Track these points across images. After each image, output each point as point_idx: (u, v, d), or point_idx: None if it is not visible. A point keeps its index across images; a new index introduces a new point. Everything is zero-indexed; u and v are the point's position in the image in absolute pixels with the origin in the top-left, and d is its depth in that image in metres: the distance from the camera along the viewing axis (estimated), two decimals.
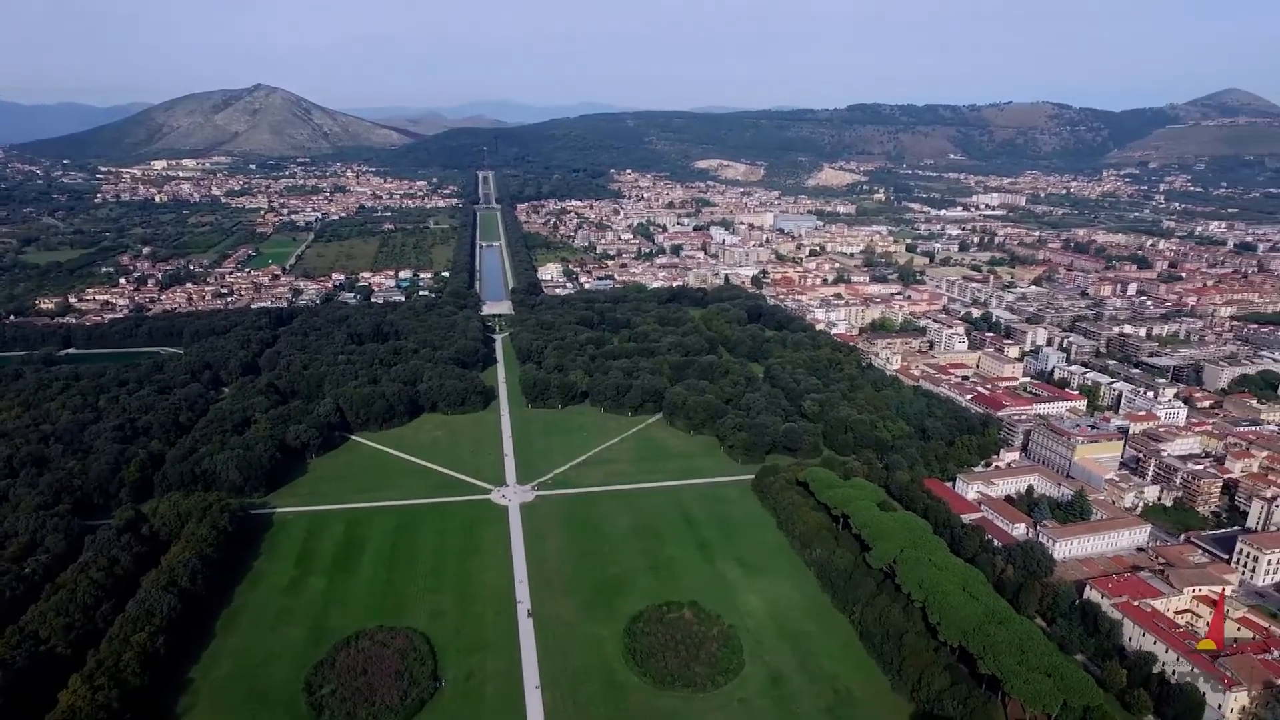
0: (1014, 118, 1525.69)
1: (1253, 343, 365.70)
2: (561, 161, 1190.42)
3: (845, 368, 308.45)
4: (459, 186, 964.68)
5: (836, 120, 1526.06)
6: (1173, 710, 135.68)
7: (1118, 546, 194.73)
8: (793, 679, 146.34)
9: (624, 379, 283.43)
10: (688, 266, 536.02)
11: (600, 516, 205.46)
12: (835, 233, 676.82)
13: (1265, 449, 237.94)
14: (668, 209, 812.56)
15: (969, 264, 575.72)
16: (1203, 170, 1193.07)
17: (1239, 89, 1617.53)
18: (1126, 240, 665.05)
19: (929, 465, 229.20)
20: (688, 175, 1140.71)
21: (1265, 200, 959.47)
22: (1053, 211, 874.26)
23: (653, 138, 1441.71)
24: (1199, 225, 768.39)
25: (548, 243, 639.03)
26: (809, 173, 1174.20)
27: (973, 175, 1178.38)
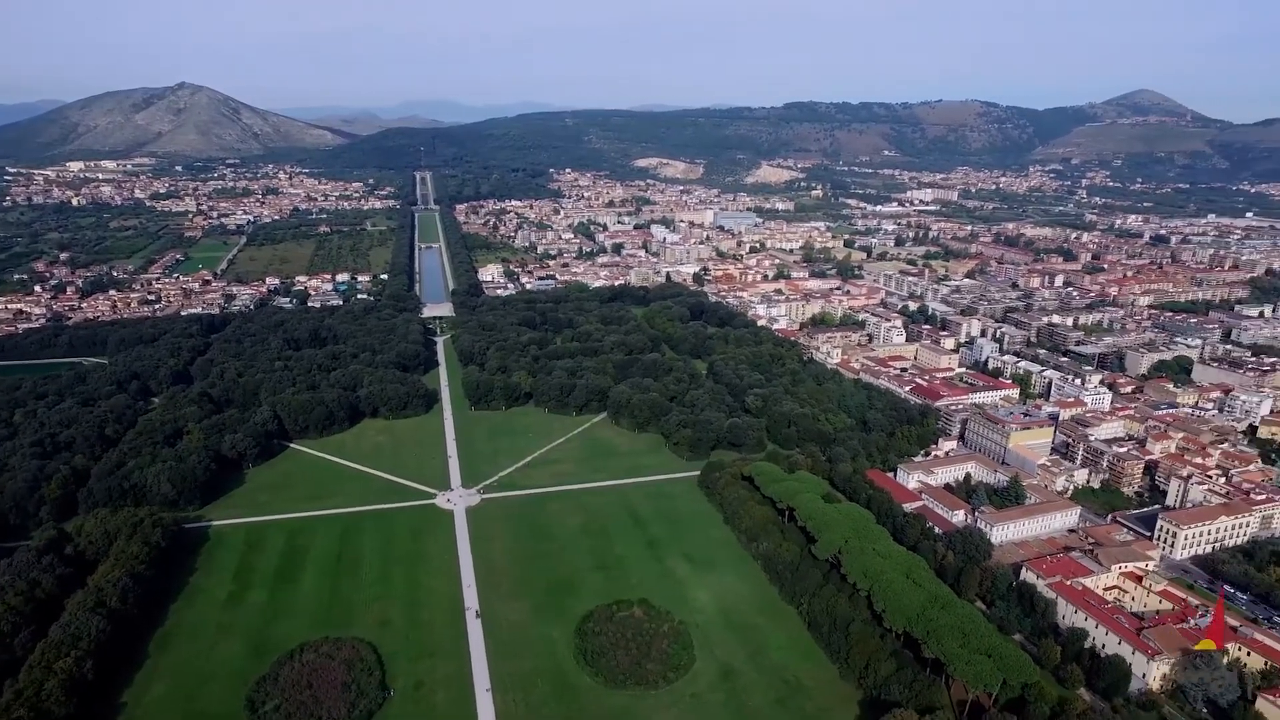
0: (945, 115, 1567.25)
1: (1168, 330, 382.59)
2: (500, 161, 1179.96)
3: (787, 363, 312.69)
4: (396, 187, 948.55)
5: (774, 118, 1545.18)
6: (1103, 682, 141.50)
7: (1051, 529, 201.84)
8: (743, 672, 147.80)
9: (568, 379, 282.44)
10: (629, 265, 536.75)
11: (548, 517, 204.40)
12: (774, 229, 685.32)
13: (1181, 430, 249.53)
14: (608, 208, 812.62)
15: (905, 258, 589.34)
16: (1120, 166, 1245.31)
17: (1149, 90, 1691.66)
18: (1053, 234, 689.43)
19: (871, 456, 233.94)
20: (628, 174, 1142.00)
21: (1176, 195, 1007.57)
22: (983, 206, 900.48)
23: (592, 136, 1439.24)
24: (1118, 219, 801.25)
25: (488, 243, 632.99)
26: (747, 170, 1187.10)
27: (907, 171, 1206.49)
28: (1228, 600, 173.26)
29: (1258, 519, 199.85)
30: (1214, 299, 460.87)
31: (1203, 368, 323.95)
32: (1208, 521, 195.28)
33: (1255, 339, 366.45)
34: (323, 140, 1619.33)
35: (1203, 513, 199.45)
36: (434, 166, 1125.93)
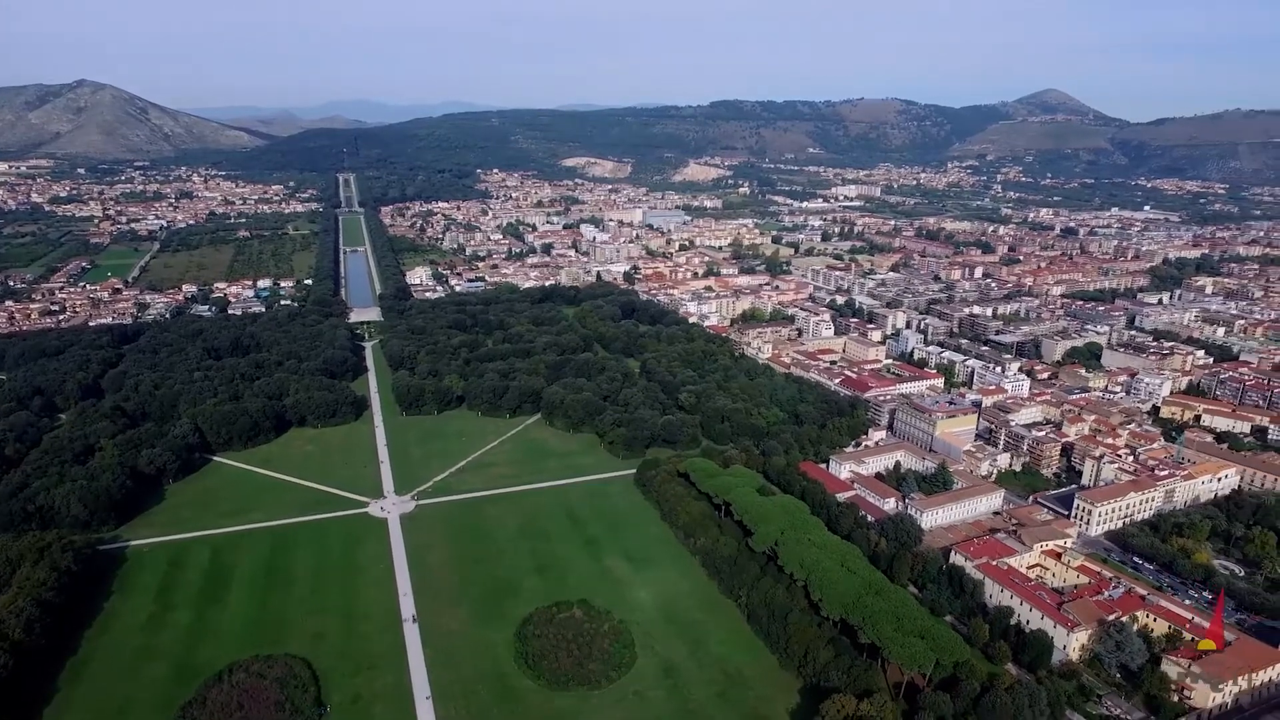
0: (866, 113, 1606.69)
1: (1079, 318, 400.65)
2: (426, 162, 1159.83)
3: (719, 359, 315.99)
4: (319, 190, 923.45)
5: (700, 116, 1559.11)
6: (1028, 655, 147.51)
7: (977, 512, 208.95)
8: (684, 667, 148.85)
9: (500, 381, 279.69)
10: (559, 265, 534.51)
11: (484, 521, 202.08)
12: (703, 227, 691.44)
13: (1093, 413, 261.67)
14: (537, 208, 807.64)
15: (831, 253, 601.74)
16: (1031, 162, 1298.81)
17: (1056, 89, 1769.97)
18: (971, 227, 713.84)
19: (803, 449, 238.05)
20: (556, 173, 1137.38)
21: (1082, 190, 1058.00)
22: (905, 201, 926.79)
23: (519, 136, 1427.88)
24: (1031, 212, 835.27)
25: (415, 246, 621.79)
26: (675, 168, 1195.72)
27: (831, 168, 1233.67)
28: (1135, 572, 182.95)
29: (1161, 494, 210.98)
30: (1119, 287, 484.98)
31: (1110, 353, 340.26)
32: (1118, 498, 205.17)
33: (1156, 325, 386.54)
34: (239, 141, 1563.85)
35: (1114, 490, 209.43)
36: (358, 168, 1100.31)
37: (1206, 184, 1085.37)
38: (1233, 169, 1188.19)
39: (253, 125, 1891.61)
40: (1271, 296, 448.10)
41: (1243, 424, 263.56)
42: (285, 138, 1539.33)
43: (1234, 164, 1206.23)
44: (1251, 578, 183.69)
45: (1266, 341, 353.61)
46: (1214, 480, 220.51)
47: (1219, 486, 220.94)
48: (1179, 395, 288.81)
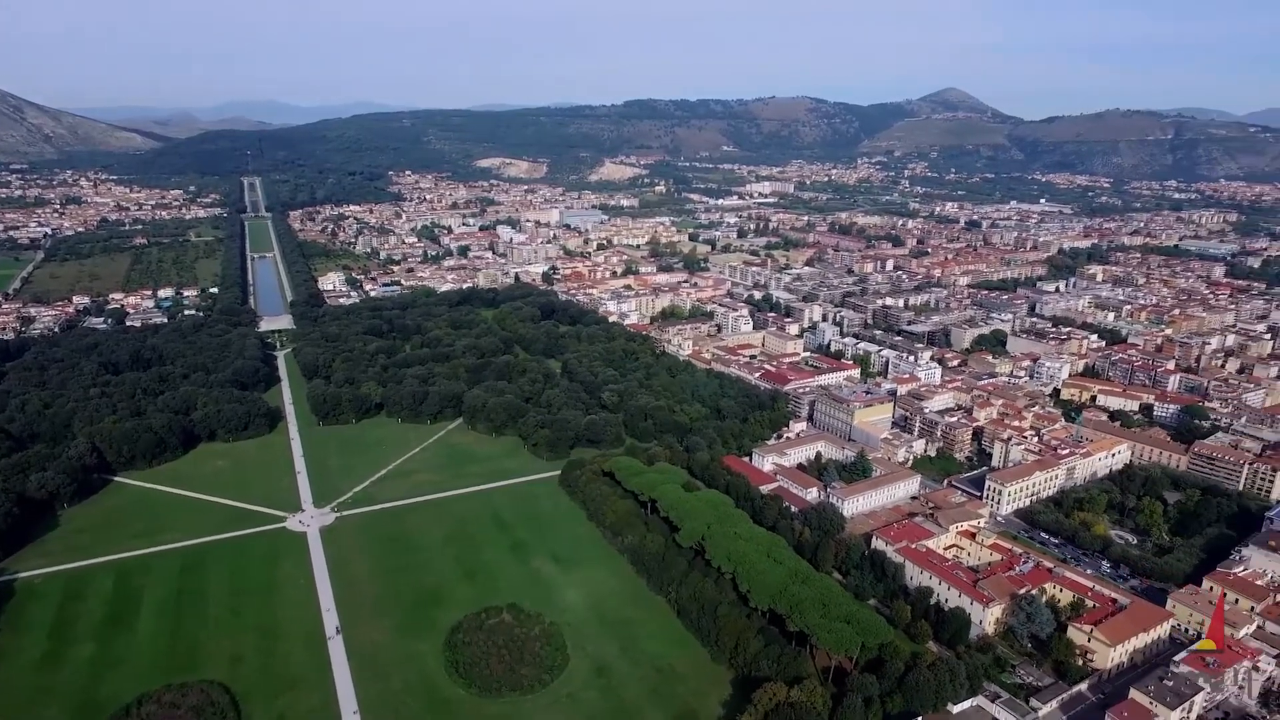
0: (778, 111, 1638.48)
1: (985, 306, 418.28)
2: (336, 164, 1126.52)
3: (640, 357, 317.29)
4: (222, 194, 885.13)
5: (615, 116, 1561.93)
6: (948, 632, 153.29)
7: (895, 497, 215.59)
8: (617, 666, 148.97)
9: (420, 386, 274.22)
10: (477, 267, 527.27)
11: (408, 530, 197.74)
12: (621, 226, 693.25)
13: (1000, 398, 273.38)
14: (452, 210, 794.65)
15: (748, 250, 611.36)
16: (936, 158, 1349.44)
17: (956, 88, 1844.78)
18: (881, 221, 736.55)
19: (726, 443, 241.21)
20: (470, 174, 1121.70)
21: (984, 184, 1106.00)
22: (818, 197, 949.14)
23: (432, 137, 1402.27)
24: (937, 206, 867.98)
25: (327, 251, 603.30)
26: (591, 168, 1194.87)
27: (745, 166, 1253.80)
28: (1042, 546, 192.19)
29: (1064, 472, 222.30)
30: (1020, 277, 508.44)
31: (1014, 339, 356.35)
32: (1025, 478, 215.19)
33: (1054, 311, 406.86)
34: (132, 143, 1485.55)
35: (1021, 470, 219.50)
36: (263, 171, 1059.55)
37: (1094, 178, 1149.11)
38: (1115, 164, 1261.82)
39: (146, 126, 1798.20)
40: (1153, 283, 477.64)
41: (1132, 402, 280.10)
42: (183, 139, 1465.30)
43: (1116, 160, 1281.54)
44: (1142, 545, 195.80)
45: (1150, 325, 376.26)
46: (1109, 456, 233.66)
47: (1113, 462, 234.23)
48: (1076, 378, 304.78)
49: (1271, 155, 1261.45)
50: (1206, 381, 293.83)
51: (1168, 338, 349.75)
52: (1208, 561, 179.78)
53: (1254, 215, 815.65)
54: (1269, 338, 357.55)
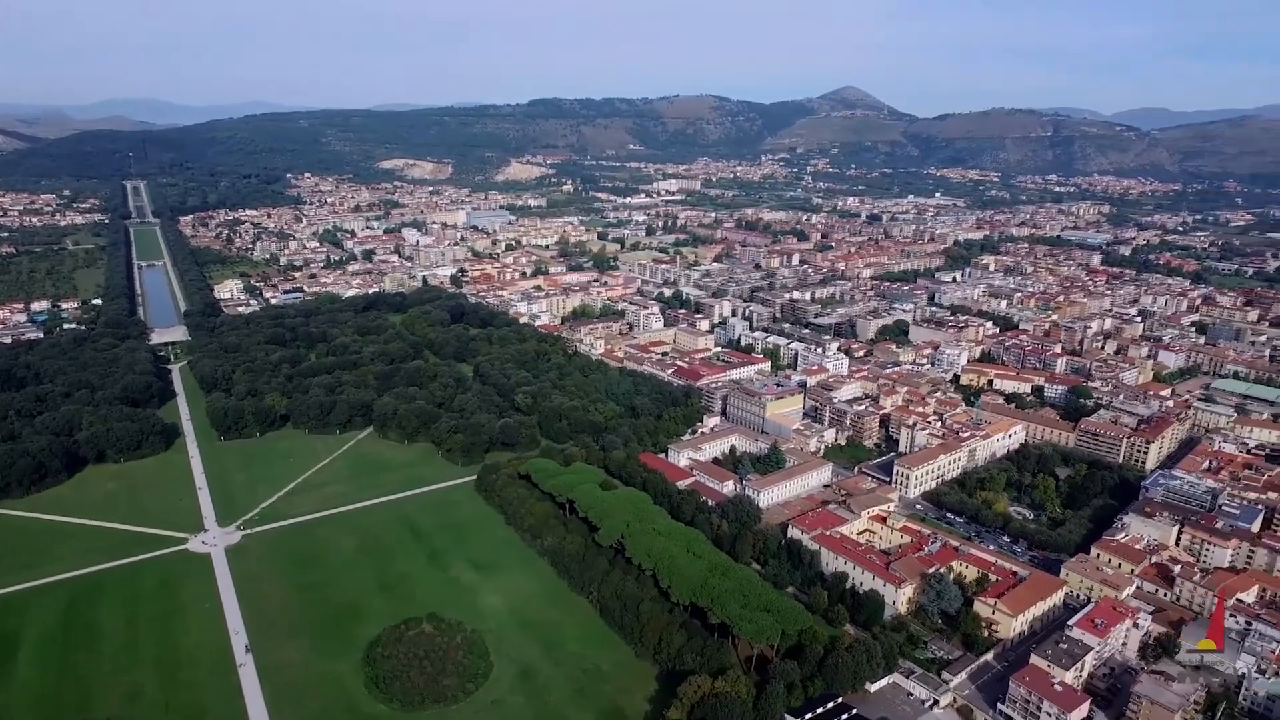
0: (683, 110, 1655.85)
1: (887, 298, 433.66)
2: (229, 167, 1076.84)
3: (552, 357, 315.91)
4: (102, 199, 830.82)
5: (520, 115, 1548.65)
6: (863, 614, 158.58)
7: (809, 486, 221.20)
8: (541, 669, 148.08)
9: (327, 396, 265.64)
10: (383, 271, 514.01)
11: (320, 544, 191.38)
12: (529, 226, 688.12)
13: (905, 385, 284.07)
14: (355, 213, 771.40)
15: (657, 247, 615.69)
16: (837, 154, 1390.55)
17: (854, 86, 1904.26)
18: (787, 216, 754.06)
19: (642, 440, 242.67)
20: (373, 176, 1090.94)
21: (883, 179, 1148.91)
22: (724, 194, 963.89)
23: (331, 138, 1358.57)
24: (840, 201, 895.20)
25: (223, 257, 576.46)
26: (497, 168, 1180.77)
27: (651, 164, 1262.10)
28: (949, 526, 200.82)
29: (966, 454, 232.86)
30: (919, 268, 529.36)
31: (916, 328, 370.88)
32: (931, 462, 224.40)
33: (952, 300, 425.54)
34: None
35: (926, 454, 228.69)
36: (148, 174, 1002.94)
37: (984, 173, 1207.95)
38: (1002, 159, 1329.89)
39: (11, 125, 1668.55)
40: (1039, 271, 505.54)
41: (1025, 385, 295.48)
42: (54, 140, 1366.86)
43: (1003, 155, 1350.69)
44: (1038, 519, 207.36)
45: (1038, 311, 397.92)
46: (1006, 437, 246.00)
47: (1010, 442, 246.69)
48: (974, 363, 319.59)
49: (1135, 152, 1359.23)
50: (1089, 363, 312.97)
51: (1054, 323, 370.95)
52: (1094, 531, 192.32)
53: (1123, 207, 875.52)
54: (1140, 321, 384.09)
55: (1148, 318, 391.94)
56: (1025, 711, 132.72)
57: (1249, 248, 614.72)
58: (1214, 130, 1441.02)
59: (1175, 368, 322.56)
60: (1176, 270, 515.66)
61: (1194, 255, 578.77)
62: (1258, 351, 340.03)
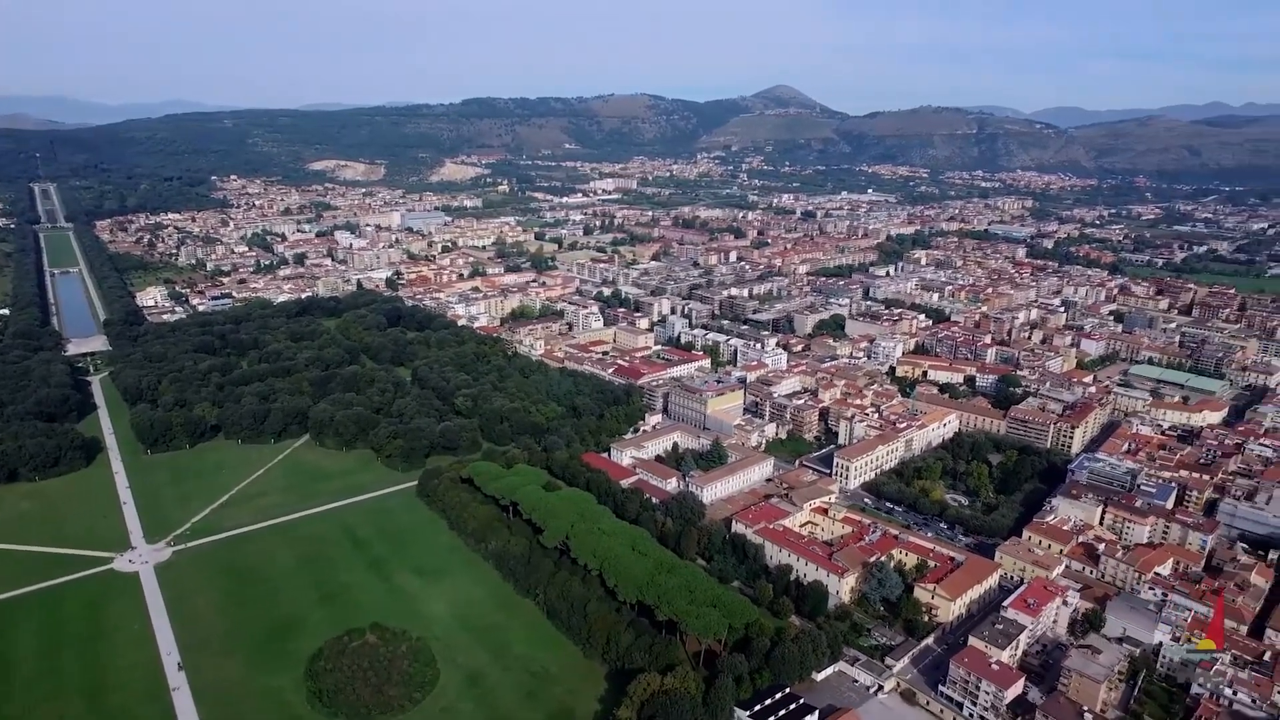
0: (618, 108, 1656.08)
1: (824, 293, 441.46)
2: (149, 169, 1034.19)
3: (492, 359, 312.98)
4: (6, 202, 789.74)
5: (453, 115, 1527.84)
6: (808, 605, 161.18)
7: (751, 481, 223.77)
8: (489, 674, 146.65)
9: (260, 404, 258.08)
10: (316, 275, 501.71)
11: (257, 557, 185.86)
12: (465, 227, 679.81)
13: (843, 378, 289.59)
14: (285, 215, 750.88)
15: (595, 246, 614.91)
16: (771, 151, 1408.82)
17: (786, 85, 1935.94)
18: (723, 214, 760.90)
19: (584, 440, 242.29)
20: (303, 178, 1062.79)
21: (816, 176, 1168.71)
22: (660, 193, 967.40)
23: (258, 139, 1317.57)
24: (775, 198, 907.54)
25: (144, 263, 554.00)
26: (431, 168, 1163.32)
27: (588, 163, 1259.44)
28: (888, 515, 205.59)
29: (903, 444, 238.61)
30: (854, 263, 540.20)
31: (852, 322, 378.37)
32: (869, 453, 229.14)
33: (886, 294, 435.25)
34: None
35: (865, 446, 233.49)
36: (59, 176, 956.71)
37: (913, 169, 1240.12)
38: (931, 156, 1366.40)
39: None
40: (969, 264, 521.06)
41: (957, 375, 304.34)
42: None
43: (931, 152, 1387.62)
44: (973, 505, 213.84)
45: (968, 303, 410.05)
46: (941, 426, 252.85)
47: (944, 431, 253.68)
48: (909, 355, 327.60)
49: (1054, 149, 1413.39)
50: (1017, 352, 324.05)
51: (984, 314, 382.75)
52: (1026, 514, 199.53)
53: (1045, 202, 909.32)
54: (1063, 311, 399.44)
55: (1070, 308, 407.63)
56: (965, 692, 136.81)
57: (1158, 240, 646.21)
58: (1124, 129, 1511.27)
59: (1096, 355, 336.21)
60: (1095, 262, 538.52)
61: (1110, 247, 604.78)
62: (1169, 338, 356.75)
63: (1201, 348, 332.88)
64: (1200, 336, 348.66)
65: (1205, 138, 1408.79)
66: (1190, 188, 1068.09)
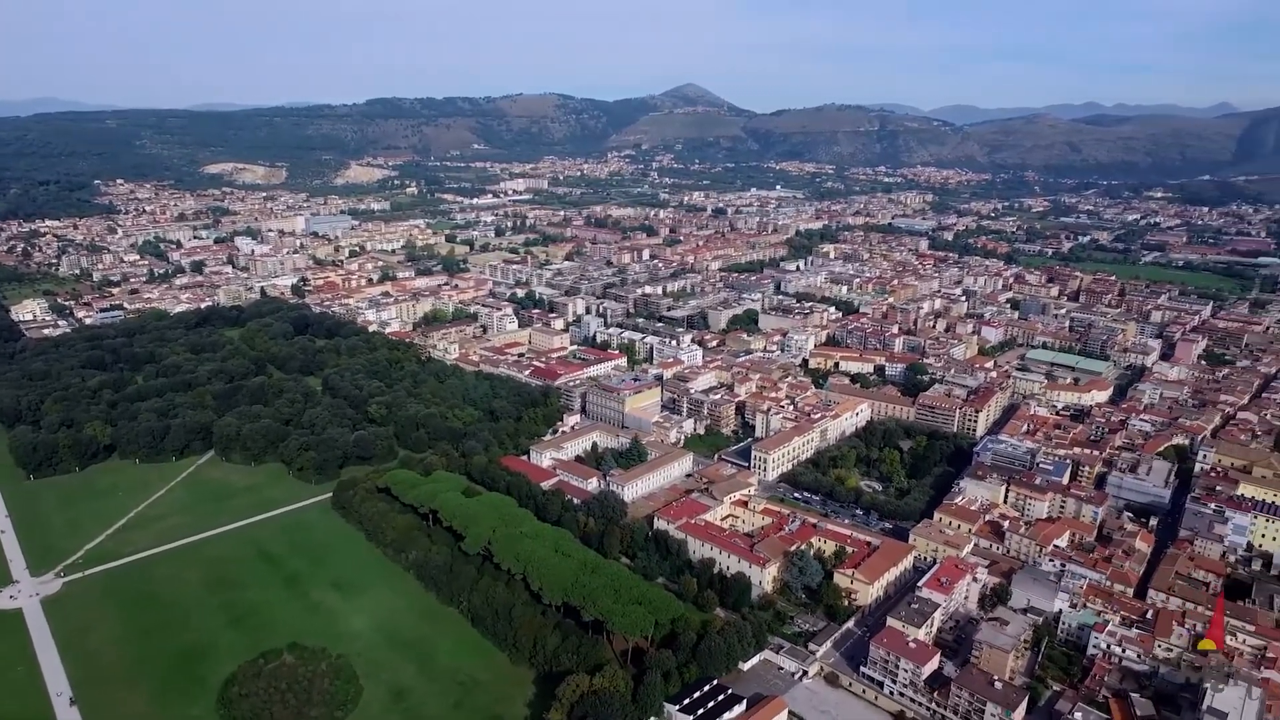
0: (526, 108, 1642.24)
1: (736, 288, 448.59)
2: (20, 171, 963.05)
3: (405, 365, 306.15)
4: None
5: (357, 115, 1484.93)
6: (732, 597, 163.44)
7: (671, 477, 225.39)
8: (415, 687, 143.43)
9: (159, 421, 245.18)
10: (215, 284, 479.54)
11: (160, 583, 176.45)
12: (373, 230, 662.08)
13: (757, 372, 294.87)
14: (180, 221, 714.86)
15: (507, 248, 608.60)
16: (681, 149, 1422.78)
17: (694, 84, 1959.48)
18: (635, 213, 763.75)
19: (503, 444, 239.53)
20: (198, 182, 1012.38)
21: (726, 173, 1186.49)
22: (572, 192, 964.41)
23: (146, 140, 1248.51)
24: (686, 195, 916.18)
25: (19, 274, 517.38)
26: (336, 171, 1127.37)
27: (498, 163, 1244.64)
28: (806, 504, 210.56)
29: (818, 434, 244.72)
30: (764, 258, 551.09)
31: (765, 317, 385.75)
32: (786, 444, 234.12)
33: (796, 288, 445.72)
34: None
35: (781, 438, 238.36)
36: None
37: (820, 165, 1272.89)
38: (836, 152, 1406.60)
39: None
40: (875, 257, 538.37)
41: (867, 365, 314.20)
42: None
43: (836, 148, 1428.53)
44: (887, 490, 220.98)
45: (876, 295, 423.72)
46: (854, 415, 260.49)
47: (857, 420, 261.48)
48: (821, 347, 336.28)
49: (951, 145, 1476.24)
50: (923, 341, 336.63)
51: (891, 305, 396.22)
52: (936, 497, 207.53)
53: (944, 196, 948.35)
54: (964, 300, 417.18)
55: (970, 297, 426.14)
56: (885, 671, 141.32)
57: (1048, 231, 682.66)
58: (1013, 126, 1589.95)
59: (996, 341, 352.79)
60: (992, 253, 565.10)
61: (1005, 239, 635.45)
62: (1060, 323, 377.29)
63: (1088, 331, 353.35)
64: (1087, 321, 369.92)
65: (1084, 135, 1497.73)
66: (1073, 182, 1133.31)
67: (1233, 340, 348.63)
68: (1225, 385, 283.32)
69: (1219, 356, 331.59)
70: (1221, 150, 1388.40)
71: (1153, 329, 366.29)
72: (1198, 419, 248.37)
